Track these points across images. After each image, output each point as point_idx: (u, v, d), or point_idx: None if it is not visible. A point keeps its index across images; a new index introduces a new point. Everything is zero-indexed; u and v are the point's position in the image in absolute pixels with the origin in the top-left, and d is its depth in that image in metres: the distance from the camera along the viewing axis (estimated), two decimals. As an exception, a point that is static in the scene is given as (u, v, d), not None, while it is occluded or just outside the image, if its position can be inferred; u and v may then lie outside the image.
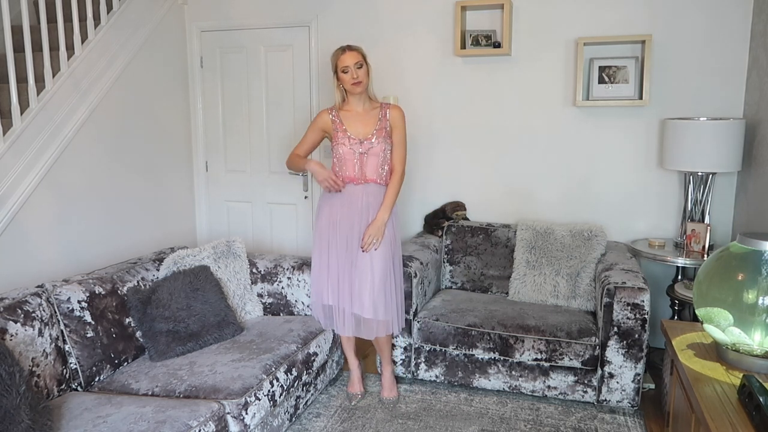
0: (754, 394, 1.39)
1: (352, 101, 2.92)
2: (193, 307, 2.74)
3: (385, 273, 2.86)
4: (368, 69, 2.87)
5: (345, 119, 2.90)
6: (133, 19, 3.77)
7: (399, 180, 2.91)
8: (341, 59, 2.81)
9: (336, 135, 2.89)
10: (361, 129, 2.89)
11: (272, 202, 4.37)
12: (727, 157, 3.09)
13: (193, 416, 2.09)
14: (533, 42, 3.67)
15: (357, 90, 2.84)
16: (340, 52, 2.83)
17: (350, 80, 2.81)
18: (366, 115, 2.92)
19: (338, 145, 2.86)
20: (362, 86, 2.84)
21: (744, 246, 1.64)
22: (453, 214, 3.78)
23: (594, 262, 3.27)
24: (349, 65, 2.79)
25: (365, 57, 2.86)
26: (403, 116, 2.95)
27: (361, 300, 2.84)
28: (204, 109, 4.41)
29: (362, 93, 2.88)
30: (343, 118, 2.91)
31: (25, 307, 2.26)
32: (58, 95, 3.21)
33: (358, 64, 2.80)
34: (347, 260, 2.88)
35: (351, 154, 2.85)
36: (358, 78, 2.80)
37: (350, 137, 2.86)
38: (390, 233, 2.90)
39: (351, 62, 2.79)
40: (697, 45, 3.40)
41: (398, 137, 2.92)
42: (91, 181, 3.49)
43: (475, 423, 2.83)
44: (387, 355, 3.07)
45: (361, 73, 2.82)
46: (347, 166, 2.87)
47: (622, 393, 2.86)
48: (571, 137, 3.67)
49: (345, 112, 2.92)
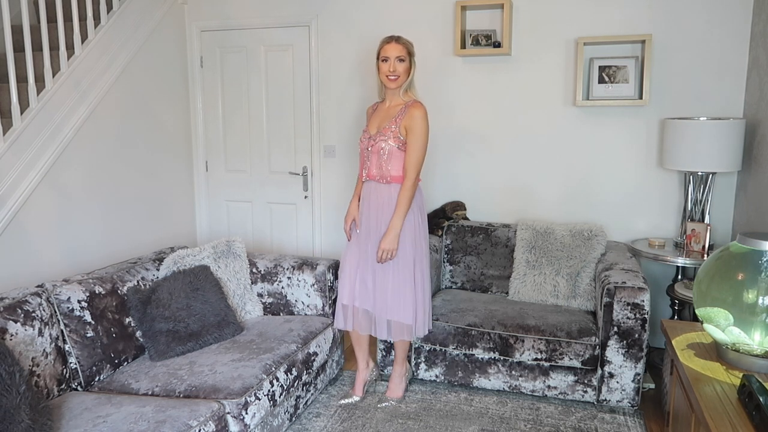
0: (754, 394, 1.39)
1: (387, 95, 2.82)
2: (193, 307, 2.74)
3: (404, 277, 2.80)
4: (411, 67, 2.75)
5: (374, 114, 2.89)
6: (133, 19, 3.77)
7: (408, 186, 2.71)
8: (384, 48, 2.71)
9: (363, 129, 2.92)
10: (376, 124, 2.84)
11: (272, 202, 4.37)
12: (727, 157, 3.09)
13: (193, 416, 2.09)
14: (533, 42, 3.67)
15: (392, 85, 2.73)
16: (386, 41, 2.73)
17: (386, 72, 2.71)
18: (388, 112, 2.82)
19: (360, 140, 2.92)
20: (398, 82, 2.72)
21: (744, 246, 1.64)
22: (453, 214, 3.78)
23: (594, 261, 3.27)
24: (390, 56, 2.69)
25: (412, 54, 2.74)
26: (424, 116, 2.71)
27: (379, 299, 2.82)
28: (204, 109, 4.41)
29: (397, 89, 2.76)
30: (373, 113, 2.90)
31: (25, 306, 2.26)
32: (58, 95, 3.21)
33: (400, 58, 2.69)
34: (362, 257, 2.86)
35: (362, 149, 2.86)
36: (395, 72, 2.69)
37: (365, 131, 2.87)
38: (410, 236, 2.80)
39: (393, 54, 2.69)
40: (697, 45, 3.40)
41: (411, 139, 2.70)
42: (91, 181, 3.49)
43: (475, 423, 2.83)
44: (400, 354, 3.01)
45: (401, 68, 2.70)
46: (361, 162, 2.89)
47: (622, 393, 2.86)
48: (571, 137, 3.67)
49: (380, 105, 2.89)
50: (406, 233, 2.79)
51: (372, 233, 2.83)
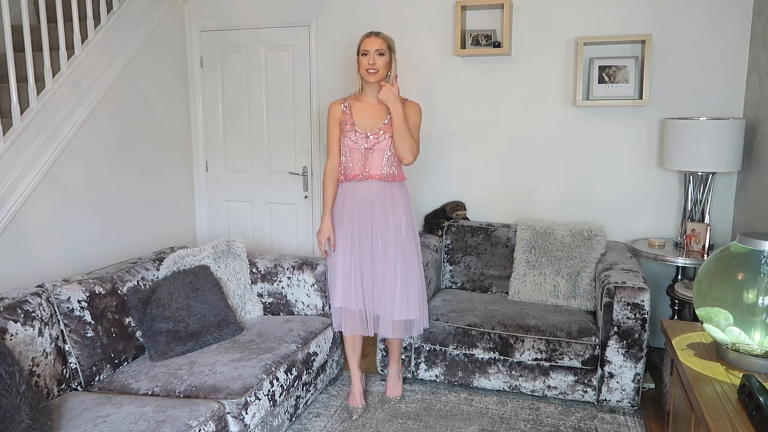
0: (754, 394, 1.39)
1: (366, 91, 2.79)
2: (193, 307, 2.74)
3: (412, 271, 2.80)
4: (392, 61, 2.75)
5: (355, 111, 2.79)
6: (133, 18, 3.77)
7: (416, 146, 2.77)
8: (364, 42, 2.71)
9: (344, 127, 2.77)
10: (369, 122, 2.77)
11: (272, 202, 4.37)
12: (727, 157, 3.09)
13: (193, 416, 2.09)
14: (533, 42, 3.67)
15: (371, 78, 2.71)
16: (366, 35, 2.73)
17: (366, 65, 2.70)
18: (377, 108, 2.78)
19: (345, 138, 2.76)
20: (377, 76, 2.71)
21: (744, 246, 1.64)
22: (453, 214, 3.78)
23: (594, 261, 3.27)
24: (369, 50, 2.68)
25: (392, 48, 2.75)
26: (419, 111, 2.82)
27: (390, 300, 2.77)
28: (204, 109, 4.41)
29: (376, 84, 2.75)
30: (353, 110, 2.79)
31: (25, 306, 2.26)
32: (58, 95, 3.21)
33: (379, 51, 2.69)
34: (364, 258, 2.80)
35: (356, 148, 2.75)
36: (374, 65, 2.69)
37: (357, 131, 2.75)
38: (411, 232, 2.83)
39: (372, 47, 2.68)
40: (697, 45, 3.40)
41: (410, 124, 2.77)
42: (91, 181, 3.49)
43: (475, 423, 2.83)
44: (397, 351, 3.04)
45: (380, 62, 2.69)
46: (352, 162, 2.77)
47: (622, 393, 2.86)
48: (571, 137, 3.67)
49: (358, 103, 2.80)
50: (408, 229, 2.81)
51: (378, 233, 2.78)
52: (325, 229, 2.83)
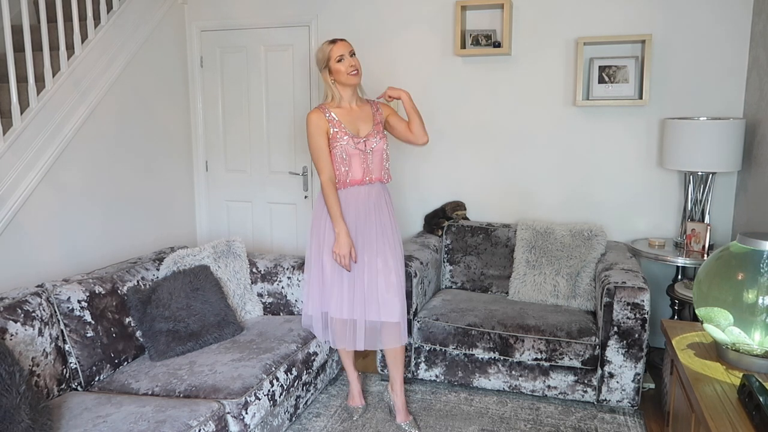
0: (754, 394, 1.39)
1: (345, 96, 2.71)
2: (193, 307, 2.74)
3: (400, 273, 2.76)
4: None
5: (341, 117, 2.68)
6: (133, 18, 3.77)
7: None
8: (334, 49, 2.65)
9: (335, 135, 2.66)
10: (361, 126, 2.73)
11: (272, 202, 4.37)
12: (727, 157, 3.09)
13: (193, 416, 2.09)
14: (533, 42, 3.67)
15: (354, 80, 2.67)
16: (329, 44, 2.68)
17: (348, 69, 2.65)
18: (360, 112, 2.75)
19: (339, 145, 2.65)
20: (360, 76, 2.70)
21: (744, 246, 1.64)
22: (453, 214, 3.78)
23: (594, 261, 3.27)
24: (344, 53, 2.65)
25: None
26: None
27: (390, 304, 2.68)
28: (204, 109, 4.41)
29: (356, 87, 2.73)
30: (339, 116, 2.68)
31: (25, 306, 2.26)
32: (58, 95, 3.21)
33: (351, 53, 2.68)
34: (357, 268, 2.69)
35: (356, 153, 2.68)
36: (354, 66, 2.66)
37: (352, 136, 2.67)
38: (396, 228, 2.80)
39: (346, 50, 2.65)
40: (697, 45, 3.40)
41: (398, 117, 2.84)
42: (91, 181, 3.49)
43: (475, 423, 2.83)
44: (401, 371, 2.84)
45: (357, 62, 2.69)
46: (354, 167, 2.68)
47: (622, 393, 2.86)
48: (571, 137, 3.67)
49: (338, 110, 2.70)
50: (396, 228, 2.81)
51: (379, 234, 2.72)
52: (345, 242, 2.64)
